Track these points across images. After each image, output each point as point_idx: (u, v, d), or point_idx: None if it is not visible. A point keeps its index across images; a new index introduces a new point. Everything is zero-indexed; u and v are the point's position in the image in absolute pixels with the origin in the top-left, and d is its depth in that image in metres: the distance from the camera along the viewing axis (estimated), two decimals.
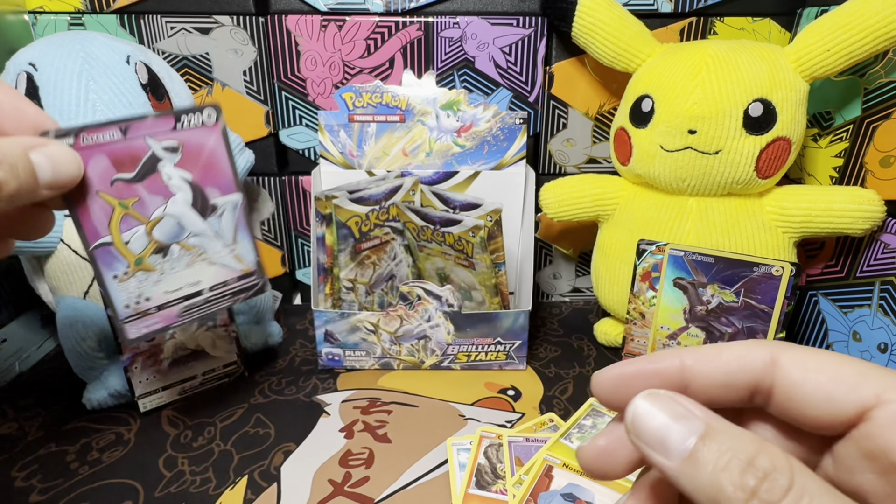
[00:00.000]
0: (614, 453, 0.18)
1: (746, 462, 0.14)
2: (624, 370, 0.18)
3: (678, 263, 0.49)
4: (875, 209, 0.46)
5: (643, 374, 0.17)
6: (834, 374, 0.16)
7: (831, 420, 0.16)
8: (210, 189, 0.35)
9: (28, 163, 0.26)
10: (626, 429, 0.16)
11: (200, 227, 0.36)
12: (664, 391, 0.16)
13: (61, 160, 0.28)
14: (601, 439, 0.18)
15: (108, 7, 0.55)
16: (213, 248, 0.36)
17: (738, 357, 0.17)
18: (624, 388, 0.17)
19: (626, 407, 0.16)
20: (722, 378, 0.17)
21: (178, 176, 0.34)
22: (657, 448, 0.15)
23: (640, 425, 0.16)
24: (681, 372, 0.17)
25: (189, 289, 0.36)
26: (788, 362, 0.16)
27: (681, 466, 0.15)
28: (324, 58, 0.58)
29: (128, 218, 0.33)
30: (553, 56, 0.60)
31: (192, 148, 0.34)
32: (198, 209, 0.35)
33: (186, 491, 0.40)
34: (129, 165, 0.32)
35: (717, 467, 0.14)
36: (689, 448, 0.15)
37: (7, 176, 0.25)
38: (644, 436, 0.16)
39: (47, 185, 0.27)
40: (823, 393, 0.16)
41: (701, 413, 0.15)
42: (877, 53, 0.44)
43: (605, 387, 0.18)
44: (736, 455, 0.14)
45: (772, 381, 0.16)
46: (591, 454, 0.18)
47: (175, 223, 0.35)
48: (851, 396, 0.15)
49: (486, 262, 0.50)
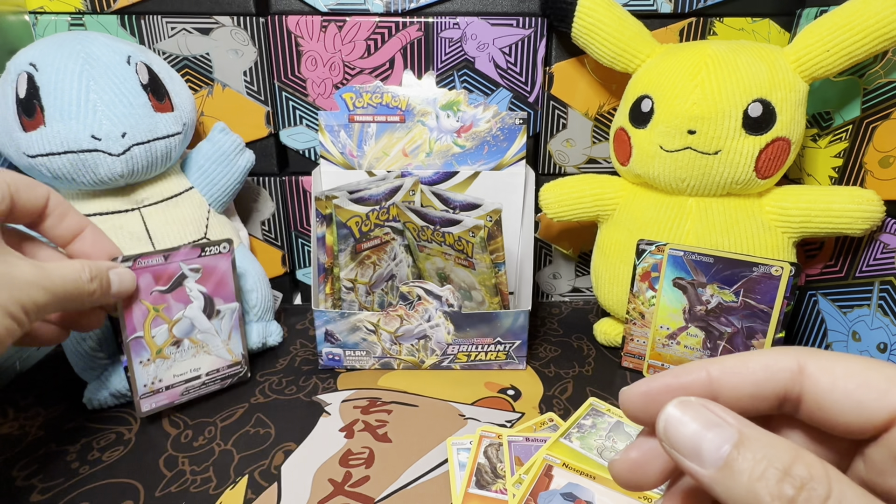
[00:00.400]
0: (647, 465, 0.18)
1: (783, 471, 0.14)
2: (651, 386, 0.17)
3: (678, 263, 0.49)
4: (874, 209, 0.46)
5: (671, 389, 0.17)
6: (863, 380, 0.15)
7: (862, 426, 0.15)
8: (217, 299, 0.48)
9: (108, 278, 0.38)
10: (659, 437, 0.16)
11: (207, 327, 0.48)
12: (695, 398, 0.16)
13: (126, 278, 0.41)
14: (633, 451, 0.18)
15: (108, 7, 0.55)
16: (214, 343, 0.48)
17: (765, 367, 0.17)
18: (652, 404, 0.17)
19: (658, 415, 0.16)
20: (750, 388, 0.17)
21: (197, 289, 0.47)
22: (691, 456, 0.15)
23: (673, 433, 0.16)
24: (708, 384, 0.17)
25: (191, 373, 0.48)
26: (816, 370, 0.16)
27: (716, 475, 0.15)
28: (324, 58, 0.58)
29: (157, 318, 0.45)
30: (553, 56, 0.60)
31: (210, 269, 0.47)
32: (207, 313, 0.48)
33: (187, 490, 0.40)
34: (164, 280, 0.45)
35: (753, 476, 0.14)
36: (723, 456, 0.15)
37: (96, 287, 0.37)
38: (677, 444, 0.16)
39: (115, 295, 0.40)
40: (853, 400, 0.15)
41: (733, 420, 0.15)
42: (876, 54, 0.45)
43: (633, 403, 0.18)
44: (772, 464, 0.14)
45: (800, 389, 0.16)
46: (624, 466, 0.18)
47: (189, 323, 0.47)
48: (881, 403, 0.15)
49: (486, 262, 0.50)
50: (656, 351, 0.52)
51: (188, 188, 0.54)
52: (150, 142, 0.47)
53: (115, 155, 0.45)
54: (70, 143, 0.44)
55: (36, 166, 0.45)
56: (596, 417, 0.45)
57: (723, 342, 0.49)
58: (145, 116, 0.47)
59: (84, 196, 0.48)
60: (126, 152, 0.46)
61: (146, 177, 0.50)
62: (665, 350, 0.52)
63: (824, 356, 0.16)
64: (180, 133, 0.50)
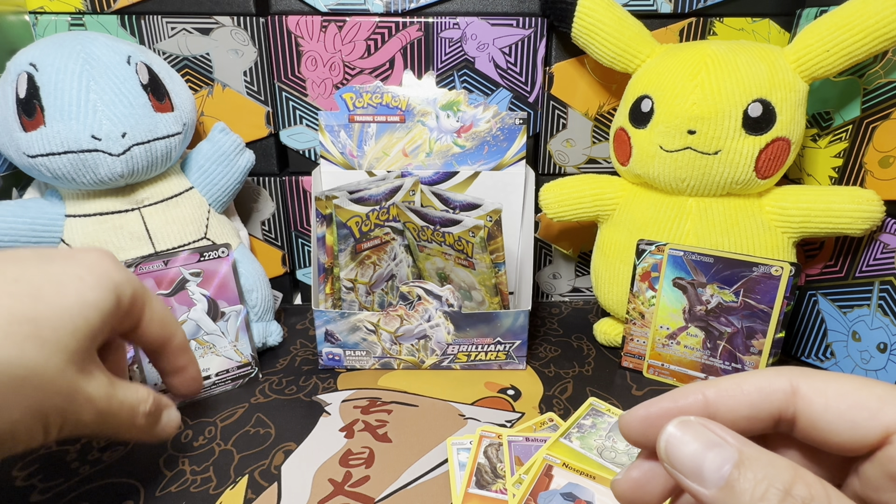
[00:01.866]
0: (648, 483, 0.18)
1: (784, 491, 0.14)
2: (650, 411, 0.18)
3: (677, 263, 0.49)
4: (874, 209, 0.46)
5: (669, 413, 0.17)
6: (854, 400, 0.16)
7: (855, 444, 0.16)
8: (221, 301, 0.50)
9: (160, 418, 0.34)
10: (660, 457, 0.16)
11: (212, 328, 0.49)
12: (695, 418, 0.16)
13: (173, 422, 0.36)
14: (634, 471, 0.18)
15: (108, 7, 0.55)
16: (221, 344, 0.50)
17: (759, 389, 0.17)
18: (652, 428, 0.17)
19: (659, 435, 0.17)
20: (746, 410, 0.17)
21: (199, 292, 0.48)
22: (692, 476, 0.15)
23: (674, 453, 0.16)
24: (705, 407, 0.17)
25: None
26: (809, 391, 0.16)
27: (717, 494, 0.15)
28: (324, 58, 0.58)
29: None
30: (553, 56, 0.60)
31: (210, 273, 0.49)
32: (211, 315, 0.49)
33: (187, 490, 0.40)
34: (166, 285, 0.46)
35: (754, 496, 0.14)
36: (724, 476, 0.15)
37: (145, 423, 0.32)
38: (678, 464, 0.16)
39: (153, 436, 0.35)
40: (846, 420, 0.16)
41: (733, 440, 0.16)
42: (876, 54, 0.45)
43: (633, 428, 0.18)
44: (773, 484, 0.14)
45: (794, 410, 0.17)
46: (626, 486, 0.18)
47: (195, 325, 0.48)
48: (873, 422, 0.15)
49: (486, 262, 0.50)
50: (656, 351, 0.52)
51: (188, 188, 0.54)
52: (150, 142, 0.47)
53: (116, 155, 0.45)
54: (70, 144, 0.44)
55: (36, 166, 0.45)
56: (596, 417, 0.45)
57: (723, 342, 0.49)
58: (145, 116, 0.47)
59: (84, 196, 0.48)
60: (126, 152, 0.46)
61: (146, 177, 0.50)
62: (665, 350, 0.52)
63: (817, 377, 0.17)
64: (180, 133, 0.50)
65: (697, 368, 0.51)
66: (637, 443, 0.18)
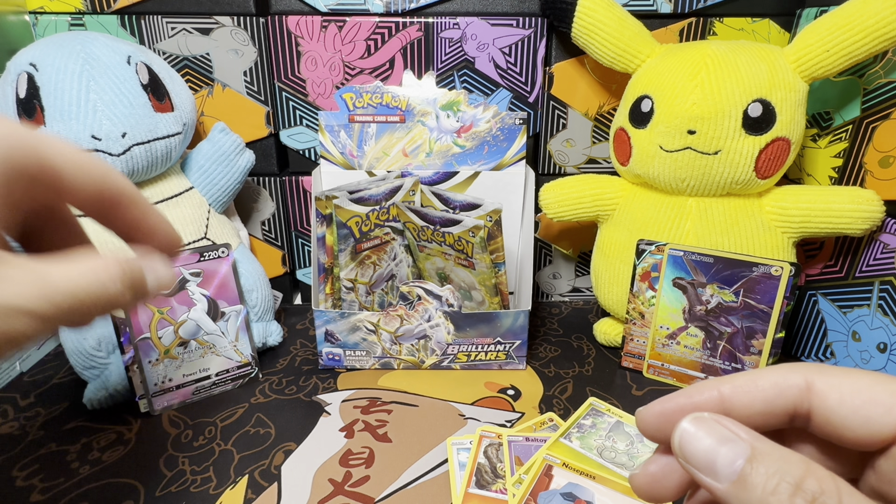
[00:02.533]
0: (665, 478, 0.18)
1: (795, 485, 0.14)
2: (665, 407, 0.18)
3: (677, 263, 0.49)
4: (874, 209, 0.46)
5: (684, 409, 0.18)
6: (869, 396, 0.16)
7: (870, 440, 0.16)
8: (221, 301, 0.49)
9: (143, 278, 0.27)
10: (675, 452, 0.17)
11: (212, 328, 0.49)
12: (708, 414, 0.17)
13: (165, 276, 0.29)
14: (652, 465, 0.19)
15: (108, 7, 0.55)
16: (221, 344, 0.50)
17: (774, 384, 0.17)
18: (667, 424, 0.18)
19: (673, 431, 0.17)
20: (761, 406, 0.17)
21: (199, 292, 0.48)
22: (706, 471, 0.16)
23: (688, 448, 0.16)
24: (720, 403, 0.17)
25: (201, 373, 0.49)
26: (824, 387, 0.17)
27: (730, 489, 0.15)
28: (324, 58, 0.58)
29: (162, 321, 0.47)
30: (553, 56, 0.60)
31: (210, 273, 0.49)
32: (211, 315, 0.49)
33: (187, 490, 0.40)
34: None
35: (766, 490, 0.15)
36: (737, 470, 0.15)
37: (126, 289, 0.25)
38: (692, 459, 0.16)
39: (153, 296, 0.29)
40: (860, 416, 0.16)
41: (746, 435, 0.16)
42: (876, 54, 0.45)
43: (649, 424, 0.18)
44: (784, 478, 0.15)
45: (809, 405, 0.17)
46: (644, 480, 0.19)
47: (194, 324, 0.48)
48: (888, 418, 0.16)
49: (485, 262, 0.50)
50: (656, 351, 0.52)
51: (188, 188, 0.54)
52: (150, 142, 0.47)
53: (116, 155, 0.45)
54: None
55: None
56: (596, 417, 0.45)
57: (722, 342, 0.49)
58: (145, 116, 0.47)
59: None
60: (126, 152, 0.46)
61: (146, 177, 0.50)
62: (665, 350, 0.52)
63: (831, 372, 0.17)
64: (180, 133, 0.50)
65: (697, 368, 0.51)
66: (653, 438, 0.19)
